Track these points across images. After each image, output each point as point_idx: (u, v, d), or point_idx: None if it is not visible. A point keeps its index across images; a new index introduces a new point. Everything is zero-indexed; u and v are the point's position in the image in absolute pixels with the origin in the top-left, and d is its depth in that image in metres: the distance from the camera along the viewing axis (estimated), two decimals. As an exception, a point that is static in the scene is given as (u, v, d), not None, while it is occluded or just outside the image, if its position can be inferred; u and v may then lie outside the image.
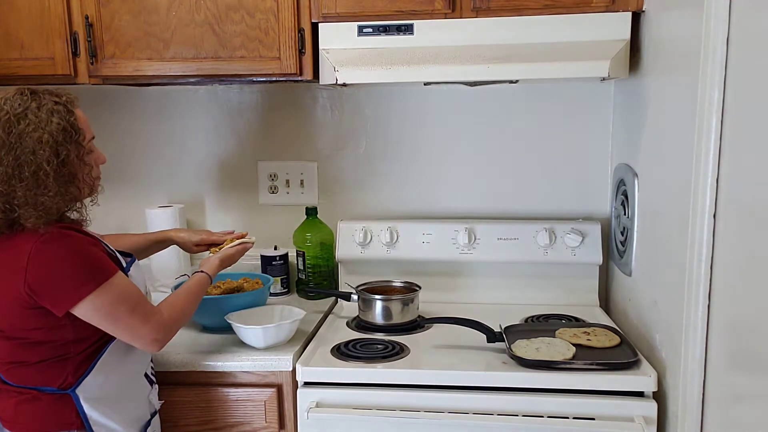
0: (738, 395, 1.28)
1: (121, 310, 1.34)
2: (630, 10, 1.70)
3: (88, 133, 1.39)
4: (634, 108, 1.82)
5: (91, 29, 1.81)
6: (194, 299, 1.54)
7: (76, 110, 1.36)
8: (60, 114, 1.31)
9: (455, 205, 2.18)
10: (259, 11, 1.78)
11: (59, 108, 1.32)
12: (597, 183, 2.11)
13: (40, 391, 1.36)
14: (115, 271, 1.35)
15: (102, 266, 1.33)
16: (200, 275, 1.60)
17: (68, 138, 1.31)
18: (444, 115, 2.15)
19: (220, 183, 2.26)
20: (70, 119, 1.32)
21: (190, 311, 1.53)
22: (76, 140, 1.33)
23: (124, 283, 1.36)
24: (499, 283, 2.08)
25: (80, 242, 1.33)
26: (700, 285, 1.32)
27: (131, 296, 1.37)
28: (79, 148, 1.34)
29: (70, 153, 1.32)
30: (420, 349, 1.70)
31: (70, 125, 1.32)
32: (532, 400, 1.52)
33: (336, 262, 2.14)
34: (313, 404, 1.56)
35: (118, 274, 1.36)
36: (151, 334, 1.39)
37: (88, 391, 1.37)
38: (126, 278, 1.39)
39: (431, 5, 1.73)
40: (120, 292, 1.34)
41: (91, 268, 1.31)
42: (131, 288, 1.38)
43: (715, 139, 1.27)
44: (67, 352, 1.35)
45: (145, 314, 1.38)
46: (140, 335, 1.38)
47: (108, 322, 1.34)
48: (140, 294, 1.40)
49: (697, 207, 1.31)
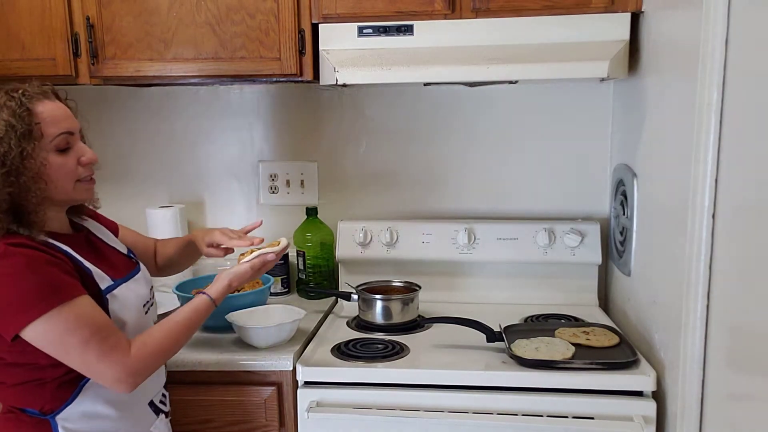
0: (737, 395, 1.28)
1: (73, 341, 1.17)
2: (629, 11, 1.70)
3: (52, 128, 1.23)
4: (633, 108, 1.83)
5: (92, 30, 1.82)
6: (185, 330, 1.34)
7: (36, 104, 1.22)
8: (10, 109, 1.18)
9: (455, 205, 2.19)
10: (260, 12, 1.78)
11: (10, 104, 1.19)
12: (596, 183, 2.12)
13: (23, 412, 1.27)
14: (75, 295, 1.19)
15: (55, 288, 1.17)
16: (201, 299, 1.40)
17: (11, 134, 1.17)
18: (444, 116, 2.15)
19: (221, 183, 2.27)
20: (19, 112, 1.18)
21: (175, 346, 1.32)
22: (22, 135, 1.18)
23: (84, 310, 1.19)
24: (498, 283, 2.08)
25: (30, 260, 1.17)
26: (699, 285, 1.32)
27: (89, 325, 1.19)
28: (28, 145, 1.18)
29: (11, 150, 1.17)
30: (420, 349, 1.70)
31: (18, 119, 1.18)
32: (531, 399, 1.52)
33: (336, 262, 2.14)
34: (313, 404, 1.56)
35: (80, 299, 1.19)
36: (111, 373, 1.21)
37: (70, 420, 1.26)
38: (91, 304, 1.22)
39: (431, 6, 1.74)
40: (75, 318, 1.17)
41: (40, 289, 1.16)
42: (92, 315, 1.20)
43: (714, 139, 1.27)
44: (43, 377, 1.23)
45: (103, 349, 1.19)
46: (97, 372, 1.21)
47: (58, 353, 1.19)
48: (104, 323, 1.22)
49: (696, 207, 1.32)
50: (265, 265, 1.51)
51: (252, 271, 1.49)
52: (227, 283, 1.44)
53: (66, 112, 1.28)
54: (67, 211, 1.37)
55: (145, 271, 1.47)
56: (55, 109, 1.26)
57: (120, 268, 1.38)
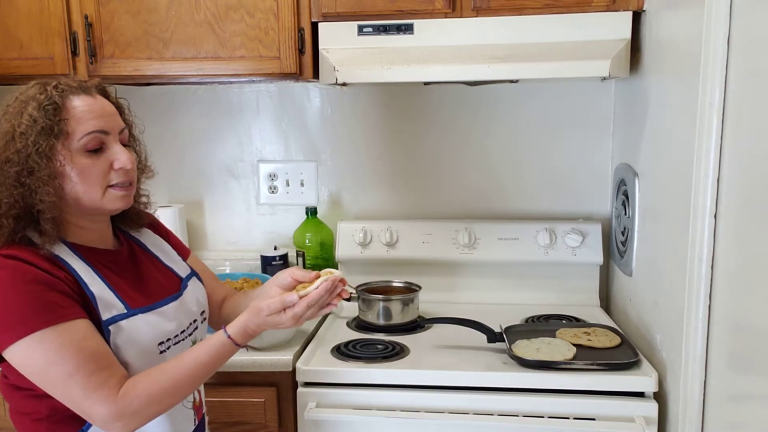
0: (739, 395, 1.27)
1: (56, 371, 1.03)
2: (630, 10, 1.69)
3: (82, 126, 1.10)
4: (634, 108, 1.82)
5: (90, 29, 1.81)
6: (197, 375, 1.12)
7: (71, 98, 1.11)
8: (37, 102, 1.08)
9: (455, 205, 2.18)
10: (259, 11, 1.78)
11: (40, 96, 1.09)
12: (597, 183, 2.11)
13: None
14: (65, 319, 1.04)
15: (38, 309, 1.02)
16: (220, 339, 1.15)
17: (32, 129, 1.06)
18: (444, 115, 2.14)
19: (220, 183, 2.26)
20: (45, 106, 1.07)
21: (175, 391, 1.11)
22: (42, 131, 1.07)
23: (73, 338, 1.03)
24: (499, 283, 2.08)
25: (15, 275, 1.04)
26: (701, 285, 1.32)
27: (76, 355, 1.03)
28: (47, 141, 1.07)
29: (28, 147, 1.06)
30: (420, 350, 1.70)
31: (42, 113, 1.07)
32: (532, 400, 1.51)
33: (336, 262, 2.14)
34: (312, 404, 1.56)
35: (72, 324, 1.04)
36: (97, 414, 1.04)
37: None
38: (85, 331, 1.05)
39: (431, 5, 1.73)
40: (59, 346, 1.02)
41: (18, 309, 1.02)
42: (83, 344, 1.04)
43: (715, 138, 1.26)
44: (39, 408, 1.10)
45: (89, 384, 1.03)
46: (84, 411, 1.06)
47: (43, 384, 1.05)
48: (97, 354, 1.05)
49: (698, 207, 1.31)
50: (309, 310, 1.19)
51: (282, 305, 1.18)
52: (247, 325, 1.17)
53: (104, 109, 1.14)
54: (120, 221, 1.26)
55: (185, 302, 1.26)
56: (91, 105, 1.12)
57: (155, 294, 1.21)
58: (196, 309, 1.30)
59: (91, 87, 1.16)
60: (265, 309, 1.17)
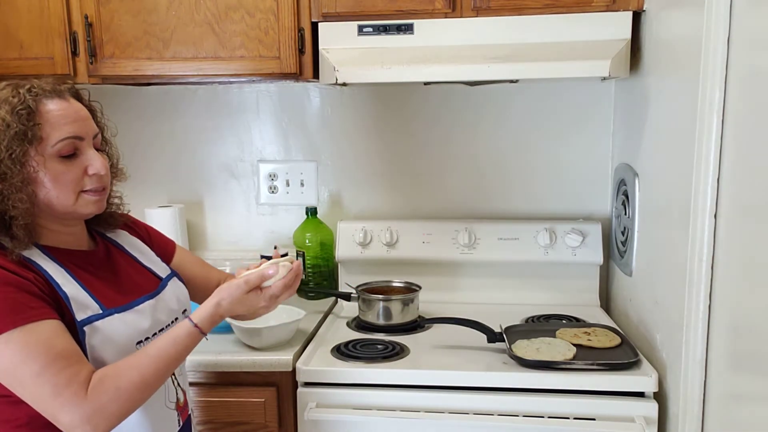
0: (739, 395, 1.27)
1: (24, 371, 1.00)
2: (630, 10, 1.69)
3: (56, 132, 1.09)
4: (634, 108, 1.82)
5: (90, 29, 1.81)
6: (163, 366, 1.10)
7: (44, 102, 1.10)
8: (10, 105, 1.06)
9: (455, 205, 2.18)
10: (259, 11, 1.78)
11: (13, 100, 1.07)
12: (597, 183, 2.11)
13: None
14: (33, 319, 1.02)
15: (9, 310, 1.01)
16: (185, 329, 1.14)
17: (4, 134, 1.05)
18: (444, 115, 2.14)
19: (220, 183, 2.26)
20: (19, 110, 1.06)
21: (143, 384, 1.07)
22: (15, 136, 1.05)
23: (41, 337, 1.02)
24: (499, 283, 2.08)
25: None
26: (701, 285, 1.31)
27: (44, 354, 1.01)
28: (20, 147, 1.05)
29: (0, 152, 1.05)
30: (420, 350, 1.70)
31: (15, 117, 1.06)
32: (532, 400, 1.51)
33: (336, 262, 2.14)
34: (312, 404, 1.56)
35: (41, 324, 1.03)
36: (64, 416, 1.01)
37: None
38: (54, 330, 1.04)
39: (431, 5, 1.73)
40: (25, 346, 1.00)
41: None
42: (51, 343, 1.02)
43: (716, 138, 1.26)
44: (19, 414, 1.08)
45: (57, 382, 1.01)
46: (52, 413, 1.02)
47: (14, 386, 1.03)
48: (65, 352, 1.03)
49: (698, 206, 1.31)
50: (262, 278, 1.22)
51: (246, 286, 1.19)
52: (212, 308, 1.17)
53: (78, 114, 1.14)
54: (95, 223, 1.26)
55: (163, 300, 1.26)
56: (65, 109, 1.12)
57: (131, 293, 1.21)
58: (177, 307, 1.30)
59: (65, 90, 1.15)
60: (243, 285, 1.19)
